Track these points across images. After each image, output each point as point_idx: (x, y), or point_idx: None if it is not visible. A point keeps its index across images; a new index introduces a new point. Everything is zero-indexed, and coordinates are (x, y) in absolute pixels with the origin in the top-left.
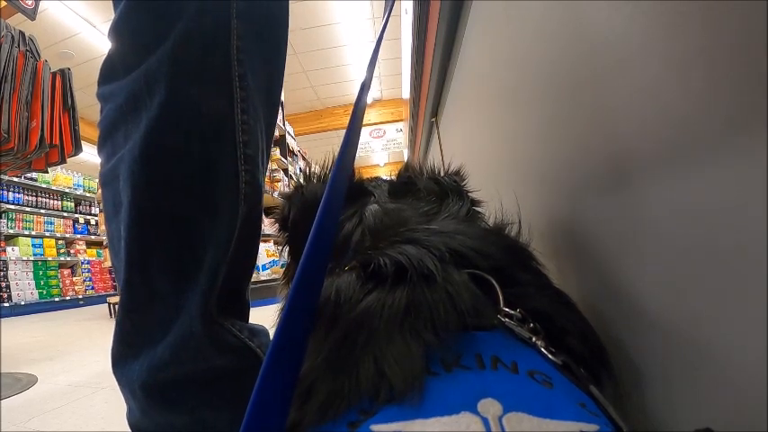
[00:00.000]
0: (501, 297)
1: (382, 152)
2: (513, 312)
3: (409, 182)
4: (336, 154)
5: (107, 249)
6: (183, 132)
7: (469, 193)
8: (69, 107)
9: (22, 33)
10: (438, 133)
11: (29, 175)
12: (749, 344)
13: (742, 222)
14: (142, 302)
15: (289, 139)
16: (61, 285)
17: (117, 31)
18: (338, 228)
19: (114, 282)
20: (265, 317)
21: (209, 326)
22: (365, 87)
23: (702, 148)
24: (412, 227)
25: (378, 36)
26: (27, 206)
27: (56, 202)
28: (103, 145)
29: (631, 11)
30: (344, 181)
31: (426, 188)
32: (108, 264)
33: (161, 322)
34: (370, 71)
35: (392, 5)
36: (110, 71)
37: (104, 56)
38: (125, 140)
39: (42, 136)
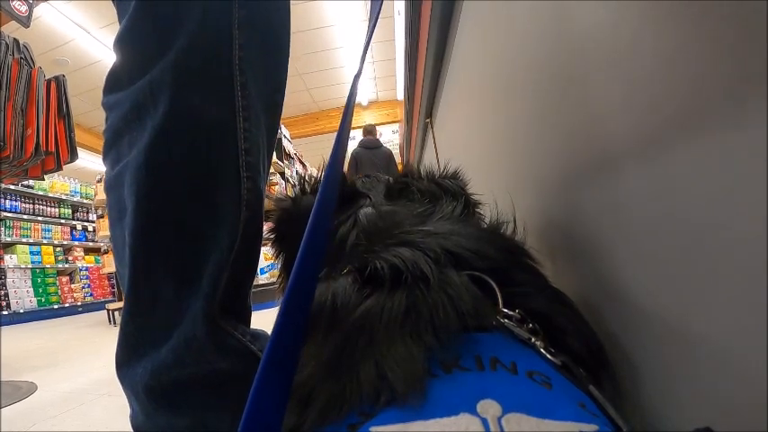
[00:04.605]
0: (500, 298)
1: None
2: (512, 313)
3: (406, 185)
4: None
5: (105, 256)
6: (186, 141)
7: (472, 196)
8: (64, 114)
9: (16, 41)
10: (433, 134)
11: (26, 182)
12: (749, 342)
13: (737, 217)
14: (146, 306)
15: (285, 143)
16: (60, 293)
17: (122, 42)
18: (333, 232)
19: (113, 288)
20: (265, 320)
21: (212, 329)
22: (357, 78)
23: (694, 143)
24: (406, 229)
25: (368, 31)
26: (24, 214)
27: (53, 209)
28: (108, 152)
29: (619, 7)
30: (337, 180)
31: (423, 190)
32: (106, 270)
33: (164, 326)
34: (361, 62)
35: (381, 3)
36: (114, 81)
37: (100, 62)
38: (129, 148)
39: (38, 143)
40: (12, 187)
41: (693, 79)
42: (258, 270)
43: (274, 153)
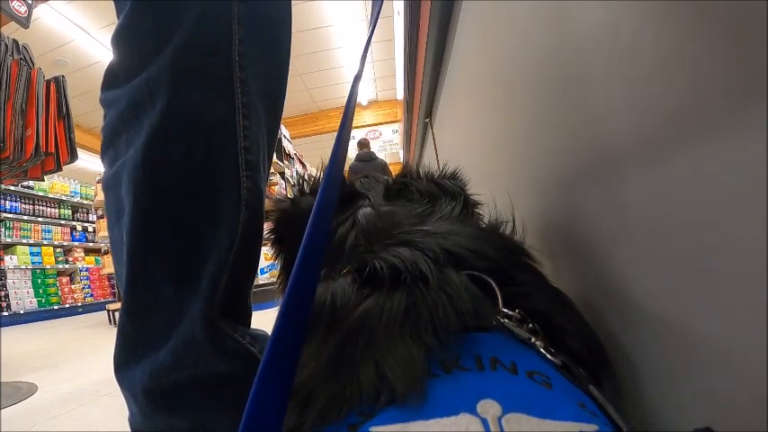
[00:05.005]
0: (500, 298)
1: (379, 153)
2: (512, 313)
3: (405, 185)
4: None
5: (105, 256)
6: (185, 139)
7: (471, 196)
8: (64, 115)
9: (15, 42)
10: (432, 134)
11: (26, 183)
12: (749, 342)
13: (737, 217)
14: (145, 307)
15: (285, 143)
16: (60, 293)
17: (119, 38)
18: (332, 232)
19: (113, 289)
20: (265, 320)
21: (211, 331)
22: (357, 80)
23: (694, 143)
24: (405, 229)
25: (368, 32)
26: (24, 214)
27: (53, 209)
28: (106, 151)
29: (619, 7)
30: (337, 180)
31: (421, 190)
32: (107, 271)
33: (163, 327)
34: (361, 65)
35: (381, 4)
36: (112, 78)
37: (100, 63)
38: (127, 147)
39: (38, 144)
40: (12, 188)
41: (693, 79)
42: (258, 270)
43: (274, 153)
